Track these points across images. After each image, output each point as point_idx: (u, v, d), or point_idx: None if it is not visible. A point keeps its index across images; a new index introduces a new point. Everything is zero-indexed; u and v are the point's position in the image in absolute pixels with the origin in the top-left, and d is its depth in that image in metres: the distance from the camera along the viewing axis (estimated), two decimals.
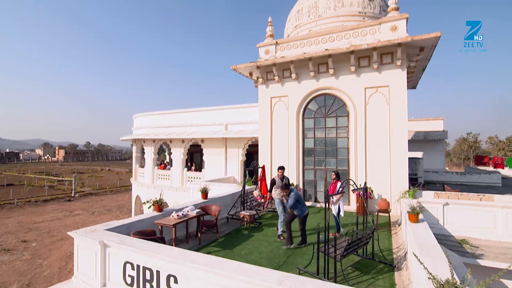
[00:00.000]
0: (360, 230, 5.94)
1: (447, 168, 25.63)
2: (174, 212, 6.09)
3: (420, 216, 5.65)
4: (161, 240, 5.06)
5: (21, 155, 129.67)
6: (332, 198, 6.13)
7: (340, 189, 5.65)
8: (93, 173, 66.23)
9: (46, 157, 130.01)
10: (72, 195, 36.75)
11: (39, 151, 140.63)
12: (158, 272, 3.91)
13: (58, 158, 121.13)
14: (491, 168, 19.64)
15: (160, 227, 5.83)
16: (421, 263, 2.81)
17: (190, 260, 3.60)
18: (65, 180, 47.47)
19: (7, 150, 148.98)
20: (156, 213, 6.28)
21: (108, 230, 5.04)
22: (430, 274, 2.67)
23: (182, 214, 6.09)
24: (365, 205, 5.38)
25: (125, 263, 4.25)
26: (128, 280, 4.19)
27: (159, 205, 6.32)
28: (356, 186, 5.34)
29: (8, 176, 58.64)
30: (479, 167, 21.39)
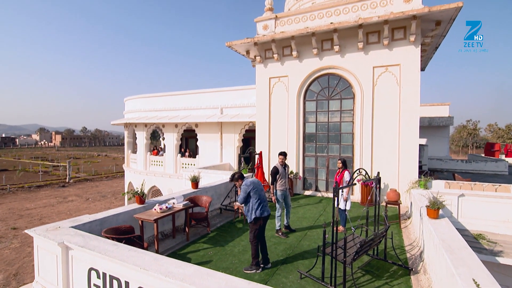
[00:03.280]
0: (370, 225, 5.21)
1: (451, 156, 24.96)
2: (157, 204, 5.31)
3: (440, 211, 4.90)
4: (138, 239, 4.29)
5: (17, 140, 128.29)
6: (343, 192, 5.35)
7: (350, 180, 4.86)
8: (89, 159, 65.44)
9: (42, 142, 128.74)
10: (67, 181, 36.08)
11: (36, 136, 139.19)
12: (127, 283, 3.15)
13: (54, 144, 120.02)
14: (503, 157, 18.89)
15: (140, 222, 5.06)
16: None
17: (164, 272, 2.82)
18: (60, 166, 46.72)
19: (3, 135, 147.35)
20: (137, 205, 5.50)
21: (75, 227, 4.26)
22: None
23: (166, 207, 5.31)
24: (378, 198, 4.61)
25: (90, 269, 3.50)
26: None
27: (140, 196, 5.53)
28: (368, 177, 4.55)
29: (3, 161, 57.81)
30: (483, 155, 20.70)
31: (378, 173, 4.88)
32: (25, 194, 29.11)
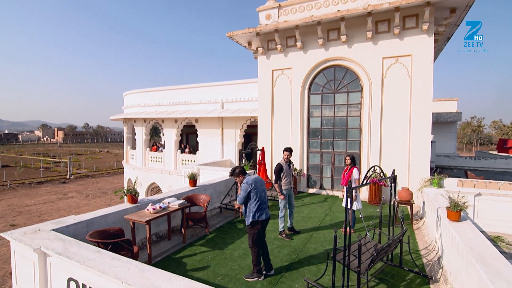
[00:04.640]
0: (382, 227, 4.75)
1: (459, 153, 24.39)
2: (150, 204, 4.88)
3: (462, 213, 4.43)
4: (127, 244, 3.87)
5: (20, 136, 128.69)
6: (355, 192, 4.91)
7: (362, 178, 4.40)
8: (91, 155, 65.30)
9: (45, 138, 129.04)
10: (67, 177, 35.86)
11: (38, 133, 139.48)
12: None
13: (57, 140, 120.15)
14: None
15: (131, 223, 4.64)
16: None
17: (149, 287, 2.40)
18: (62, 162, 46.54)
19: (6, 131, 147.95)
20: (129, 205, 5.08)
21: (57, 230, 3.85)
22: None
23: (160, 207, 4.88)
24: (394, 198, 4.16)
25: (69, 279, 3.08)
26: None
27: (133, 195, 5.10)
28: (384, 175, 4.09)
29: (5, 157, 57.74)
30: (496, 152, 20.14)
31: (394, 171, 4.42)
32: (25, 190, 28.90)
